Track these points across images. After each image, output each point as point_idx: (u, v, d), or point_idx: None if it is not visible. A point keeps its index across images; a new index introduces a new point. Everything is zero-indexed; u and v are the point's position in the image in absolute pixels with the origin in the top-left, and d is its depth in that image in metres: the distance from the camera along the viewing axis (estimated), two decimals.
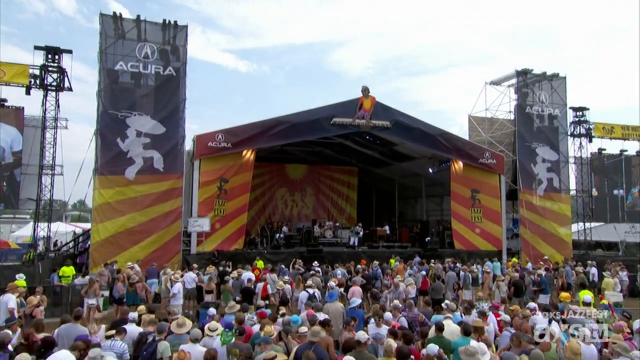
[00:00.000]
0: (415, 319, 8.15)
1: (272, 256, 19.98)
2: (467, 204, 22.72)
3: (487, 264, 17.61)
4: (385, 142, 25.05)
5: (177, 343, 6.45)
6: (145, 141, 17.59)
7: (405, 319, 8.29)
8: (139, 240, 17.27)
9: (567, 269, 15.94)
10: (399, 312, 8.18)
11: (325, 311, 8.81)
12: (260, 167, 29.01)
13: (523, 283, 13.16)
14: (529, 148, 23.55)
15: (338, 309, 8.82)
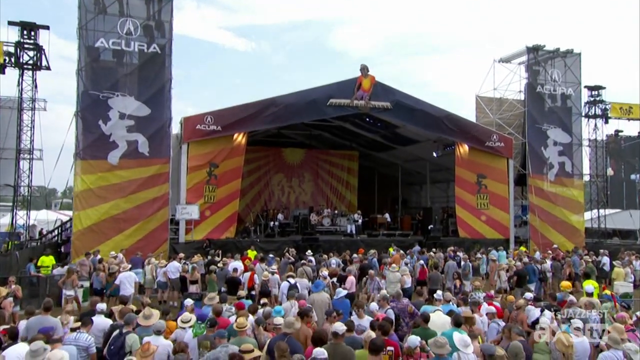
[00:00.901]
0: (404, 310, 8.07)
1: (265, 245, 19.99)
2: (472, 189, 22.56)
3: (493, 253, 17.50)
4: (387, 124, 24.83)
5: (145, 335, 6.39)
6: (128, 124, 17.45)
7: (394, 310, 8.20)
8: (123, 229, 17.23)
9: (574, 258, 15.83)
10: (386, 302, 8.10)
11: (310, 301, 8.77)
12: (255, 151, 28.94)
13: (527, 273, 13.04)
14: (539, 130, 23.26)
15: (323, 299, 8.77)
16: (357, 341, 6.04)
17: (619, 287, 12.55)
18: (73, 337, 6.44)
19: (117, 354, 6.17)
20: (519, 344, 5.57)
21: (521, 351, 5.37)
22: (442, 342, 5.62)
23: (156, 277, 13.97)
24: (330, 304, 8.80)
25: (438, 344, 5.60)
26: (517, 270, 12.80)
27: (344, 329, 5.81)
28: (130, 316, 6.78)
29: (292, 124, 26.17)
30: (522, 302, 8.06)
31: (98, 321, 7.17)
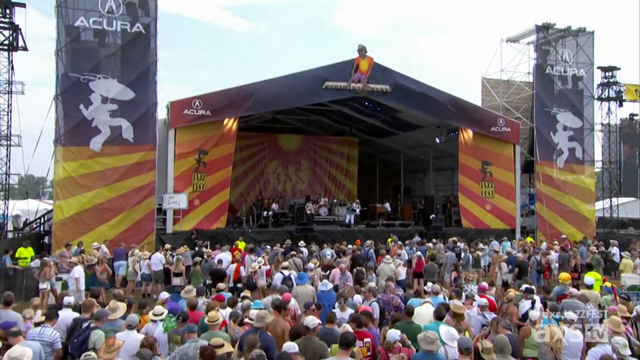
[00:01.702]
0: (389, 302, 8.02)
1: (257, 236, 19.97)
2: (476, 177, 22.42)
3: (493, 243, 17.44)
4: (387, 108, 24.66)
5: (111, 330, 6.35)
6: (111, 108, 17.33)
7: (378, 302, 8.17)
8: (107, 219, 17.21)
9: (582, 249, 15.74)
10: (372, 295, 8.04)
11: (294, 294, 8.73)
12: (249, 137, 28.89)
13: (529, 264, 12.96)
14: (548, 114, 23.03)
15: (308, 292, 8.75)
16: (331, 334, 5.99)
17: (627, 279, 12.46)
18: (37, 332, 6.40)
19: (79, 349, 6.11)
20: (505, 337, 5.54)
21: (507, 345, 5.33)
22: (433, 338, 5.57)
23: (140, 270, 13.98)
24: (315, 296, 8.77)
25: (428, 339, 5.55)
26: (518, 262, 12.72)
27: (315, 322, 5.78)
28: (101, 312, 6.73)
29: (288, 109, 26.12)
30: (512, 295, 7.99)
31: (65, 315, 7.12)
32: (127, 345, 5.73)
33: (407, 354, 5.82)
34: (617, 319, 6.29)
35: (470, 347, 5.36)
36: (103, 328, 6.40)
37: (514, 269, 12.52)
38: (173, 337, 6.21)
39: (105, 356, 5.30)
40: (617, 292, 8.91)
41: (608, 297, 8.54)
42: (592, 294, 8.48)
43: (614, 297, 8.55)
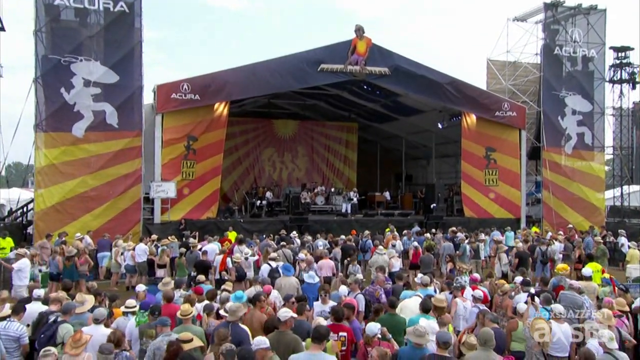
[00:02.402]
0: (372, 294, 8.02)
1: (249, 226, 19.94)
2: (480, 164, 22.33)
3: (494, 233, 17.39)
4: (388, 92, 24.47)
5: (77, 323, 6.33)
6: (94, 92, 17.23)
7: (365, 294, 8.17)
8: (91, 208, 17.20)
9: (588, 239, 15.67)
10: (357, 287, 8.02)
11: (278, 286, 8.72)
12: (242, 123, 28.79)
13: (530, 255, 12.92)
14: (556, 97, 22.83)
15: (292, 284, 8.74)
16: (305, 328, 5.98)
17: (632, 270, 12.42)
18: (2, 327, 6.36)
19: (47, 344, 6.07)
20: (489, 330, 5.53)
21: (491, 338, 5.31)
22: (422, 332, 5.59)
23: (124, 261, 13.99)
24: (299, 289, 8.76)
25: (417, 332, 5.58)
26: (518, 252, 12.68)
27: (288, 315, 5.77)
28: (69, 305, 6.70)
29: (283, 93, 25.96)
30: (507, 287, 7.96)
31: (34, 308, 7.09)
32: (94, 340, 5.68)
33: (387, 347, 5.78)
34: (608, 312, 6.26)
35: (448, 341, 5.34)
36: (70, 322, 6.37)
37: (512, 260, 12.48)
38: (146, 331, 6.21)
39: (71, 352, 5.27)
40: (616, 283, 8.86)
41: (606, 289, 8.51)
42: (590, 285, 8.45)
43: (612, 289, 8.49)
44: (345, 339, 6.10)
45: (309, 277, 8.85)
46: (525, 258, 12.54)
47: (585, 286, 8.24)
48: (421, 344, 5.49)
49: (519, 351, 6.30)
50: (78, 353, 5.41)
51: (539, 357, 5.84)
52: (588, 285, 8.40)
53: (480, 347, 5.27)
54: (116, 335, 5.77)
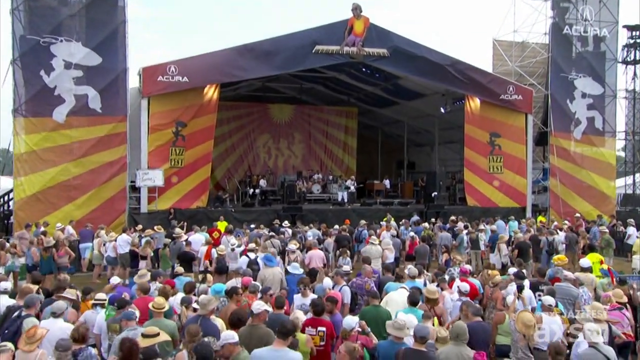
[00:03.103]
0: (361, 286, 7.99)
1: (241, 215, 19.93)
2: (484, 150, 22.23)
3: (498, 223, 17.33)
4: (388, 75, 24.27)
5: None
6: (76, 74, 17.15)
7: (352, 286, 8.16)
8: (74, 197, 17.21)
9: (594, 229, 15.60)
10: (341, 279, 7.99)
11: (261, 278, 8.70)
12: (236, 107, 28.71)
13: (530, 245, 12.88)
14: (565, 80, 22.65)
15: (276, 275, 8.70)
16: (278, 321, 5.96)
17: (638, 261, 12.36)
18: None
19: (12, 339, 6.05)
20: (462, 324, 5.56)
21: (464, 332, 5.34)
22: (401, 324, 5.61)
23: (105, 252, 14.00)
24: (283, 280, 8.74)
25: (397, 325, 5.61)
26: (517, 243, 12.64)
27: (261, 308, 5.75)
28: (32, 298, 6.68)
29: (279, 76, 25.79)
30: (499, 279, 7.93)
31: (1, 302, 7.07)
32: (50, 336, 5.62)
33: (365, 341, 5.80)
34: (599, 305, 6.26)
35: (425, 335, 5.34)
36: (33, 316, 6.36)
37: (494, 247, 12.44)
38: (112, 325, 6.19)
39: (24, 347, 5.22)
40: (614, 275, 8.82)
41: (604, 281, 8.48)
42: (588, 277, 8.42)
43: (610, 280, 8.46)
44: (324, 334, 6.08)
45: (293, 267, 8.83)
46: (525, 249, 12.50)
47: (583, 278, 8.22)
48: (401, 338, 5.50)
49: (504, 344, 6.30)
50: (31, 349, 5.31)
51: (524, 351, 5.81)
52: (586, 276, 8.38)
53: (452, 342, 5.29)
54: (79, 331, 5.66)
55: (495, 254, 13.26)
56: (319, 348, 6.01)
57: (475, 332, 5.75)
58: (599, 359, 5.20)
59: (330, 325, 6.16)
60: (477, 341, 5.81)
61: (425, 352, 5.35)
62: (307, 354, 5.77)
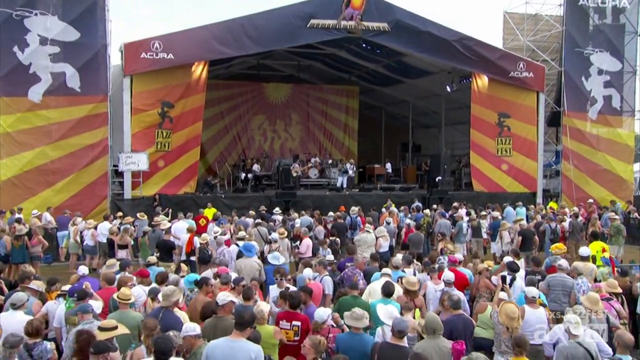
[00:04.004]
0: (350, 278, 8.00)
1: (231, 202, 19.92)
2: (492, 132, 22.11)
3: (507, 210, 17.27)
4: (390, 51, 24.04)
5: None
6: (52, 51, 17.03)
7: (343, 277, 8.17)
8: (52, 182, 17.22)
9: (605, 215, 15.53)
10: (324, 268, 7.99)
11: (237, 268, 8.72)
12: (229, 87, 28.62)
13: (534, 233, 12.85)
14: (580, 55, 22.41)
15: (252, 266, 8.72)
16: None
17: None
18: None
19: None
20: (435, 317, 5.57)
21: (438, 325, 5.34)
22: (359, 315, 5.64)
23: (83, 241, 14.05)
24: (261, 271, 8.74)
25: (355, 315, 5.65)
26: (521, 230, 12.60)
27: (227, 299, 5.75)
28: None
29: (274, 53, 25.64)
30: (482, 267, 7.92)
31: None
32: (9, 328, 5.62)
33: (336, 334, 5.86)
34: (595, 295, 6.23)
35: (404, 329, 5.35)
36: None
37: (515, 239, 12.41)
38: (70, 318, 6.21)
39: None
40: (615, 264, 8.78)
41: (604, 270, 8.47)
42: (587, 266, 8.40)
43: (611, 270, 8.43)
44: (299, 328, 6.09)
45: (273, 257, 8.82)
46: (529, 237, 12.46)
47: (582, 267, 8.19)
48: (358, 328, 5.56)
49: (482, 337, 6.29)
50: None
51: (507, 344, 5.80)
52: (585, 266, 8.35)
53: (429, 336, 5.29)
54: (33, 325, 5.65)
55: (497, 242, 13.25)
56: (292, 343, 6.02)
57: (455, 327, 5.73)
58: (579, 353, 5.18)
59: (306, 320, 6.17)
60: (458, 336, 5.80)
61: (402, 347, 5.35)
62: (275, 346, 5.77)
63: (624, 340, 5.21)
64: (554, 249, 9.41)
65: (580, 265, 8.28)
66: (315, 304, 7.28)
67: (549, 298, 7.52)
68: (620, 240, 13.23)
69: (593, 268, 8.49)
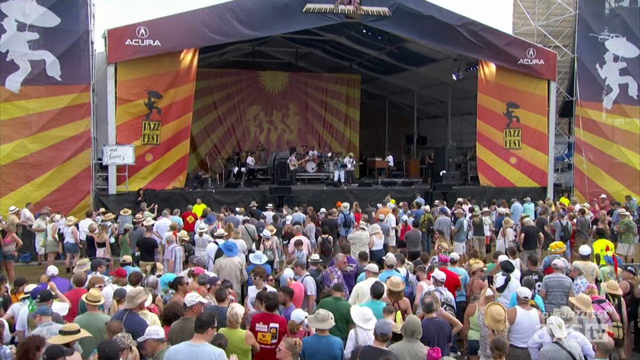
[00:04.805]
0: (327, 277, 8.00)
1: (223, 197, 19.93)
2: (499, 123, 22.07)
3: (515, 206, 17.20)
4: (392, 37, 23.90)
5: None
6: (31, 37, 17.00)
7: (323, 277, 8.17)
8: (32, 177, 17.24)
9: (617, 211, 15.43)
10: (302, 269, 7.99)
11: (217, 268, 8.73)
12: (223, 75, 28.61)
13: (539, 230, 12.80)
14: (594, 41, 22.29)
15: (234, 265, 8.69)
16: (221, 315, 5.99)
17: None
18: None
19: None
20: (416, 319, 5.57)
21: (418, 328, 5.36)
22: (324, 316, 5.70)
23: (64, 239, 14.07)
24: (242, 270, 8.73)
25: (319, 317, 5.72)
26: (524, 227, 12.56)
27: (195, 301, 5.75)
28: None
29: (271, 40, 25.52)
30: (476, 267, 7.88)
31: None
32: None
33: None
34: (586, 297, 6.19)
35: (386, 332, 5.36)
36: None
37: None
38: (31, 320, 6.22)
39: None
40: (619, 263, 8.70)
41: (606, 269, 8.43)
42: (588, 266, 8.39)
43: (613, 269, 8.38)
44: (277, 331, 6.11)
45: (255, 257, 8.83)
46: (532, 234, 12.42)
47: (582, 267, 8.14)
48: (323, 330, 5.62)
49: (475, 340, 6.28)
50: None
51: None
52: (586, 265, 8.32)
53: (406, 339, 5.30)
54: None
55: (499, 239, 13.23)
56: (270, 347, 6.04)
57: (426, 331, 5.72)
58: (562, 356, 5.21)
59: (284, 322, 6.19)
60: (430, 341, 5.79)
61: (385, 352, 5.34)
62: (247, 352, 5.77)
63: (604, 344, 5.30)
64: (552, 247, 9.36)
65: (581, 264, 8.26)
66: (297, 306, 7.29)
67: (547, 300, 7.50)
68: (632, 238, 13.14)
69: (594, 267, 8.46)
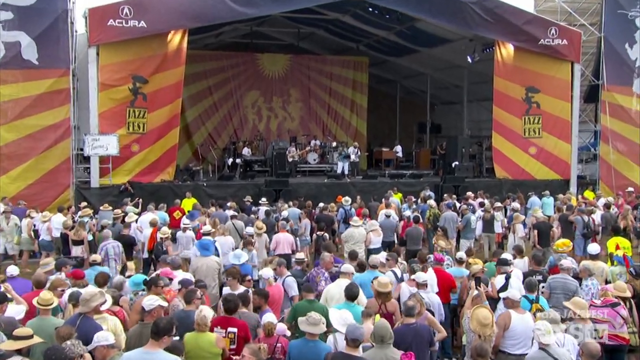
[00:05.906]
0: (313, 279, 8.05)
1: (215, 191, 19.96)
2: (518, 109, 21.98)
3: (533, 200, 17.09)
4: (401, 16, 23.74)
5: None
6: (5, 17, 17.15)
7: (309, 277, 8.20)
8: (7, 168, 17.42)
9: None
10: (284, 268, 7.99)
11: (193, 268, 8.76)
12: (218, 58, 28.52)
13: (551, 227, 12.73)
14: (624, 18, 22.19)
15: (211, 266, 8.73)
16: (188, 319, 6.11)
17: None
18: None
19: None
20: (385, 324, 5.59)
21: (388, 334, 5.38)
22: (316, 320, 5.77)
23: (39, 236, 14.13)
24: (220, 271, 8.75)
25: (311, 320, 5.77)
26: (536, 223, 12.49)
27: (154, 305, 5.79)
28: None
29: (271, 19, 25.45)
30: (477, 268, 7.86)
31: None
32: None
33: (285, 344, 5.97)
34: (581, 301, 6.17)
35: (358, 337, 5.36)
36: None
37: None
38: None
39: None
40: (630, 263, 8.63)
41: (615, 270, 8.40)
42: (597, 265, 8.37)
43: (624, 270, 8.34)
44: (235, 335, 6.16)
45: (234, 257, 8.86)
46: (545, 231, 12.38)
47: (591, 267, 8.10)
48: (313, 335, 5.70)
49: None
50: None
51: None
52: (595, 265, 8.30)
53: (377, 345, 5.34)
54: None
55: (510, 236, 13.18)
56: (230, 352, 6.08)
57: (402, 337, 5.76)
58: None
59: (243, 326, 6.23)
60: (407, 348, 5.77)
61: (357, 358, 5.38)
62: (217, 356, 5.86)
63: (589, 350, 5.32)
64: (559, 245, 9.27)
65: (590, 264, 8.20)
66: (276, 309, 7.29)
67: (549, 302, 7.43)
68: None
69: (603, 268, 8.45)
